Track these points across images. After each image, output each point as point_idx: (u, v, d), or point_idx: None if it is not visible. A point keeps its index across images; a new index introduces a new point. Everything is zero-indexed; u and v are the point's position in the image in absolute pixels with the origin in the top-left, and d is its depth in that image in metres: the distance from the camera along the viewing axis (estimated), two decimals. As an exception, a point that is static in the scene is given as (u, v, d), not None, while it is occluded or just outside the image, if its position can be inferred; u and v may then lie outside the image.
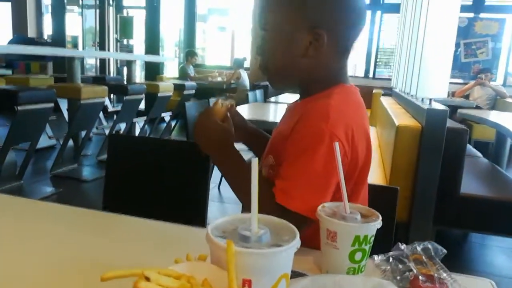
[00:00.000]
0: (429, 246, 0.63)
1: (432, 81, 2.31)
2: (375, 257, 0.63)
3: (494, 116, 3.49)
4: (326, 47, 0.75)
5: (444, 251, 0.63)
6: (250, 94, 4.00)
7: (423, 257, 0.62)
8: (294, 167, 0.71)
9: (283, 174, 0.72)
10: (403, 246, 0.65)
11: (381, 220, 0.57)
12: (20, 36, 7.31)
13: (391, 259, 0.63)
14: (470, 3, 5.82)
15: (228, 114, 0.83)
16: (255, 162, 0.44)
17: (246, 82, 6.27)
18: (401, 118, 2.22)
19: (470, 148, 3.11)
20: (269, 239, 0.42)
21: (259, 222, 0.43)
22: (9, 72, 5.74)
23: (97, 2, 7.50)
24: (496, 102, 5.34)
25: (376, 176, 2.13)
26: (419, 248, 0.63)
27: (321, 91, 0.78)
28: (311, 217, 0.65)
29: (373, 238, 0.57)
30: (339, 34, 0.77)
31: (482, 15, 5.91)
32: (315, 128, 0.70)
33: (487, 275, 2.31)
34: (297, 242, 0.40)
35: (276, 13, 0.78)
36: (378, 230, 0.58)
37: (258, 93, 4.25)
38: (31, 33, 7.81)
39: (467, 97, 5.47)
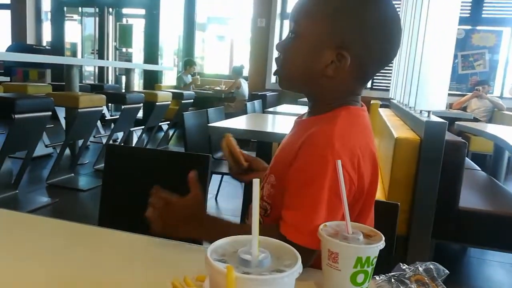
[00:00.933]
0: (431, 266, 0.62)
1: (431, 94, 2.31)
2: (376, 277, 0.62)
3: (492, 128, 3.50)
4: (347, 71, 0.74)
5: (446, 271, 0.62)
6: (249, 104, 4.00)
7: (425, 278, 0.60)
8: (300, 198, 0.70)
9: (290, 205, 0.72)
10: (404, 266, 0.64)
11: (384, 241, 0.56)
12: (18, 43, 7.32)
13: (392, 280, 0.61)
14: (468, 15, 5.87)
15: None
16: (256, 183, 0.43)
17: (245, 91, 6.28)
18: (399, 130, 2.22)
19: (468, 161, 3.11)
20: (270, 263, 0.40)
21: (259, 245, 0.42)
22: (7, 79, 5.73)
23: (97, 10, 7.53)
24: (494, 115, 5.36)
25: (375, 188, 2.11)
26: (421, 269, 0.62)
27: (327, 112, 0.78)
28: (310, 247, 0.66)
29: (375, 260, 0.56)
30: (363, 62, 0.76)
31: (479, 27, 5.96)
32: (320, 157, 0.70)
33: (486, 291, 2.26)
34: (299, 268, 0.39)
35: (309, 20, 0.77)
36: (378, 247, 0.57)
37: (257, 103, 4.25)
38: (30, 40, 7.82)
39: (464, 109, 5.50)
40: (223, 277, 0.36)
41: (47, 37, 8.09)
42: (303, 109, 0.90)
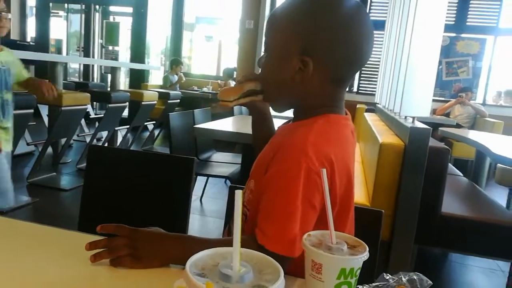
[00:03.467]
0: (415, 277, 0.62)
1: (415, 100, 2.33)
2: (359, 287, 0.62)
3: (474, 135, 3.56)
4: (313, 75, 0.75)
5: (430, 282, 0.62)
6: (235, 106, 3.98)
7: (409, 288, 0.60)
8: (275, 206, 0.70)
9: (266, 212, 0.71)
10: (388, 276, 0.64)
11: (368, 252, 0.55)
12: (1, 38, 7.14)
13: (376, 290, 0.61)
14: (453, 22, 5.97)
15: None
16: (238, 194, 0.42)
17: (233, 93, 6.25)
18: (384, 135, 2.23)
19: (450, 166, 3.15)
20: (252, 278, 0.39)
21: (241, 258, 0.41)
22: (-12, 74, 5.59)
23: (83, 7, 7.41)
24: (476, 121, 5.46)
25: (359, 193, 2.12)
26: (404, 279, 0.62)
27: (306, 118, 0.78)
28: (290, 256, 0.66)
29: (359, 271, 0.55)
30: (330, 64, 0.76)
31: (463, 34, 6.08)
32: (293, 163, 0.69)
33: (467, 296, 2.29)
34: (281, 284, 0.38)
35: (275, 32, 0.79)
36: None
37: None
38: (14, 35, 7.65)
39: (447, 115, 5.58)
40: (203, 293, 0.35)
41: (31, 32, 7.93)
42: (289, 112, 0.90)
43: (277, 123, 0.97)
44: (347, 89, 0.84)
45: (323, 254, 0.54)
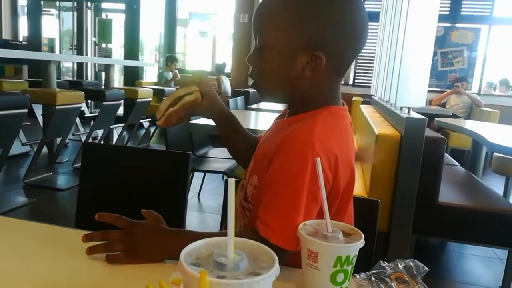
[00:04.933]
0: (411, 264, 0.62)
1: (411, 90, 2.33)
2: (357, 276, 0.62)
3: (471, 124, 3.57)
4: (323, 69, 0.74)
5: (426, 269, 0.62)
6: (231, 101, 3.98)
7: (405, 275, 0.60)
8: (280, 199, 0.69)
9: (269, 205, 0.70)
10: (384, 264, 0.64)
11: (363, 239, 0.55)
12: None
13: (372, 278, 0.61)
14: (447, 12, 5.97)
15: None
16: (231, 183, 0.41)
17: (228, 88, 6.24)
18: (380, 126, 2.23)
19: (447, 156, 3.16)
20: (247, 266, 0.39)
21: (235, 246, 0.40)
22: (-19, 75, 5.56)
23: (75, 4, 7.36)
24: (472, 111, 5.48)
25: (356, 185, 2.12)
26: (400, 266, 0.62)
27: (306, 111, 0.77)
28: (291, 249, 0.65)
29: (355, 259, 0.55)
30: (338, 57, 0.75)
31: (458, 24, 6.08)
32: (300, 155, 0.68)
33: (465, 284, 2.33)
34: (276, 271, 0.38)
35: (275, 29, 0.76)
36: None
37: (239, 100, 4.23)
38: (6, 34, 7.60)
39: (443, 105, 5.60)
40: (197, 282, 0.35)
41: (23, 32, 7.87)
42: (285, 106, 0.89)
43: (263, 116, 0.94)
44: (342, 82, 0.84)
45: (319, 243, 0.54)
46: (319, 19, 0.72)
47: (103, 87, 4.91)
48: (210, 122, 0.94)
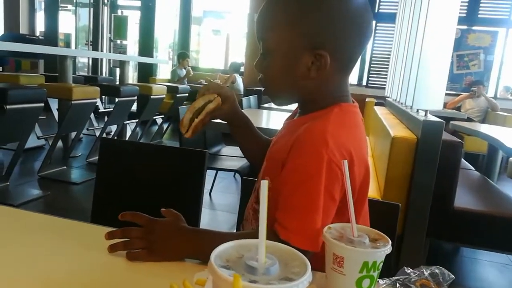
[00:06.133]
0: (437, 271, 0.61)
1: (428, 93, 2.30)
2: (380, 281, 0.61)
3: (487, 128, 3.51)
4: (329, 67, 0.73)
5: (452, 276, 0.60)
6: (244, 99, 3.97)
7: (431, 283, 0.59)
8: (297, 200, 0.68)
9: (287, 207, 0.69)
10: (409, 270, 0.63)
11: (391, 245, 0.54)
12: (11, 33, 7.20)
13: (397, 284, 0.60)
14: (464, 15, 5.88)
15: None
16: (265, 184, 0.41)
17: (241, 86, 6.24)
18: (396, 129, 2.21)
19: (462, 160, 3.12)
20: (278, 271, 0.38)
21: (266, 250, 0.40)
22: (-1, 68, 5.65)
23: (92, 0, 7.43)
24: (487, 115, 5.39)
25: (370, 187, 2.10)
26: (426, 273, 0.61)
27: (317, 110, 0.76)
28: (312, 250, 0.65)
29: (382, 265, 0.54)
30: (343, 54, 0.75)
31: (475, 27, 5.98)
32: (314, 154, 0.68)
33: (479, 290, 2.25)
34: (308, 276, 0.37)
35: (276, 33, 0.75)
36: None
37: (252, 98, 4.22)
38: (23, 29, 7.70)
39: (458, 108, 5.52)
40: (229, 286, 0.34)
41: (40, 27, 7.97)
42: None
43: (275, 115, 0.93)
44: (356, 82, 0.83)
45: (345, 247, 0.53)
46: (318, 18, 0.71)
47: (117, 83, 4.95)
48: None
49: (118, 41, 7.49)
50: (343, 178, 0.68)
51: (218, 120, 0.89)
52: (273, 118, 3.19)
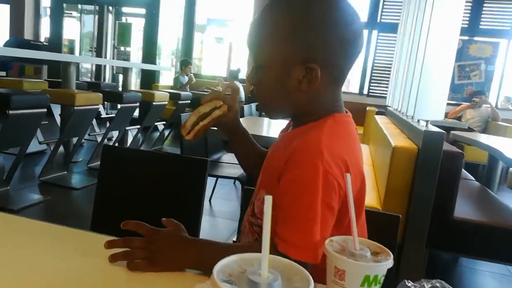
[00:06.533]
0: (438, 285, 0.61)
1: (430, 103, 2.31)
2: (381, 294, 0.61)
3: (487, 139, 3.52)
4: (320, 80, 0.73)
5: (453, 290, 0.61)
6: (246, 107, 3.99)
7: (431, 296, 0.59)
8: (295, 212, 0.68)
9: (284, 220, 0.69)
10: (409, 284, 0.63)
11: (392, 259, 0.55)
12: (16, 38, 7.26)
13: (397, 298, 0.60)
14: (466, 25, 5.92)
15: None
16: (268, 200, 0.42)
17: (242, 94, 6.26)
18: (397, 138, 2.21)
19: (462, 170, 3.12)
20: (280, 286, 0.39)
21: (268, 264, 0.40)
22: (2, 73, 5.67)
23: (97, 8, 7.49)
24: (488, 125, 5.40)
25: (370, 197, 2.11)
26: (427, 287, 0.61)
27: (311, 122, 0.77)
28: (311, 262, 0.65)
29: (383, 278, 0.55)
30: (334, 66, 0.75)
31: (476, 38, 6.02)
32: (310, 166, 0.68)
33: (478, 301, 2.24)
34: (311, 291, 0.38)
35: (267, 47, 0.76)
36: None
37: (254, 106, 4.24)
38: (28, 35, 7.77)
39: (459, 118, 5.53)
40: (232, 300, 0.35)
41: (45, 33, 8.03)
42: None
43: (276, 123, 0.93)
44: (357, 91, 0.84)
45: (347, 261, 0.53)
46: (310, 33, 0.72)
47: (120, 89, 4.97)
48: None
49: (122, 48, 7.54)
50: (340, 189, 0.69)
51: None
52: (275, 126, 3.20)
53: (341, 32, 0.73)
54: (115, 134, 4.46)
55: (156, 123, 5.00)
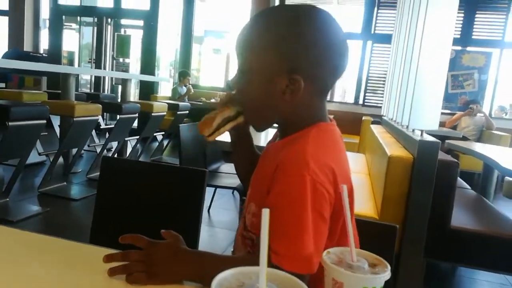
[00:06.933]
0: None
1: (424, 113, 2.34)
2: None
3: (482, 147, 3.55)
4: (303, 91, 0.74)
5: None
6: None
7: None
8: (285, 224, 0.68)
9: (276, 232, 0.67)
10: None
11: (390, 270, 0.56)
12: (15, 50, 7.29)
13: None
14: (458, 36, 6.00)
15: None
16: (266, 213, 0.44)
17: (239, 104, 6.29)
18: (392, 148, 2.24)
19: (458, 179, 3.14)
20: (278, 300, 0.40)
21: (266, 278, 0.41)
22: (2, 85, 5.69)
23: (96, 20, 7.54)
24: (482, 134, 5.44)
25: (367, 206, 2.12)
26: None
27: (298, 131, 0.78)
28: (306, 273, 0.65)
29: (380, 290, 0.56)
30: (318, 78, 0.76)
31: (469, 48, 6.09)
32: (297, 177, 0.68)
33: (475, 310, 2.25)
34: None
35: (254, 53, 0.76)
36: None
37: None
38: (27, 47, 7.80)
39: (454, 127, 5.57)
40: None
41: (44, 44, 8.06)
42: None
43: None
44: (352, 101, 0.85)
45: (345, 273, 0.54)
46: (295, 44, 0.73)
47: (119, 100, 5.00)
48: (224, 137, 0.95)
49: (121, 59, 7.58)
50: (329, 196, 0.69)
51: (219, 138, 0.90)
52: (271, 135, 3.22)
53: (327, 49, 0.75)
54: (114, 144, 4.47)
55: (155, 134, 5.01)
